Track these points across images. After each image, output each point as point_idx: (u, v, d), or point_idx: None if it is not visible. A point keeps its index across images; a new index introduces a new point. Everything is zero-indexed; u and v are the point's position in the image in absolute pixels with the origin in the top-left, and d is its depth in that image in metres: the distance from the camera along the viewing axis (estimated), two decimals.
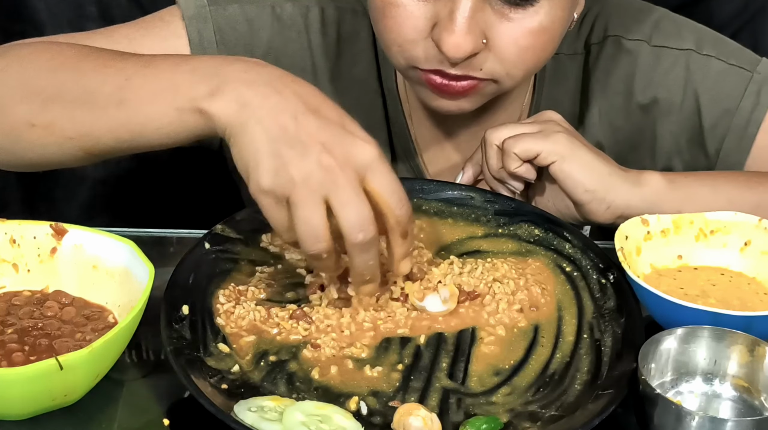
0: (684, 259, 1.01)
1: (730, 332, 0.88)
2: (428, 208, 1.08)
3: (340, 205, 0.84)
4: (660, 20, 1.20)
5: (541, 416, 0.84)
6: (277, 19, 1.16)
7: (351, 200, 0.84)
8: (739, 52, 1.19)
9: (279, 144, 0.84)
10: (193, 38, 1.13)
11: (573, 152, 1.04)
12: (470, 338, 0.92)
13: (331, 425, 0.80)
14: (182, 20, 1.13)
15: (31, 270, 0.93)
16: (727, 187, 1.08)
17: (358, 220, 0.84)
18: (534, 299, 0.96)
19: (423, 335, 0.91)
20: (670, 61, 1.18)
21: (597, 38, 1.20)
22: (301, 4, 1.17)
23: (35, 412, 0.83)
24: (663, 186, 1.05)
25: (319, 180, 0.83)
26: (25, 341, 0.85)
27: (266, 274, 0.97)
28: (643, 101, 1.19)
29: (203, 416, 0.80)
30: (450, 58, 1.00)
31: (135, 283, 0.88)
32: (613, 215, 1.05)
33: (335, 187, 0.84)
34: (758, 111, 1.16)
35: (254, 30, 1.15)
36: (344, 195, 0.84)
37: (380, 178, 0.86)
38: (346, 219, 0.84)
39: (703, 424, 0.81)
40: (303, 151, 0.84)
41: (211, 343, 0.88)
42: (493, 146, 1.07)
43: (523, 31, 1.01)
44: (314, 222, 0.84)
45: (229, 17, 1.14)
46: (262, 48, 1.15)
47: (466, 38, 0.98)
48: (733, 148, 1.17)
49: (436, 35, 1.00)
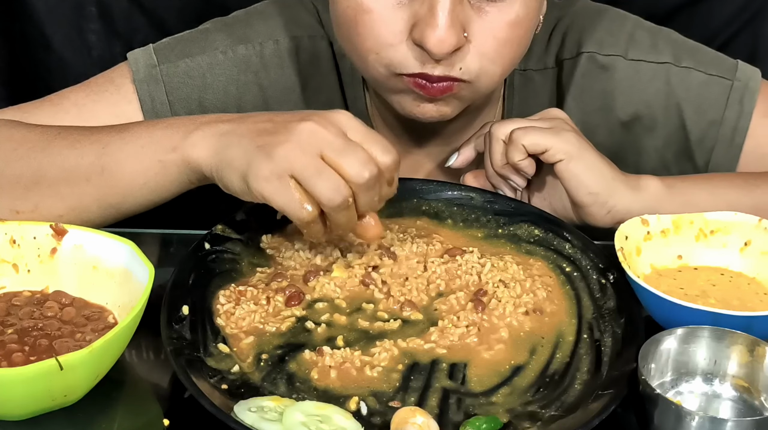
0: (684, 259, 1.01)
1: (730, 332, 0.88)
2: (428, 208, 1.08)
3: (337, 155, 0.87)
4: (634, 32, 1.18)
5: (541, 416, 0.84)
6: (233, 64, 1.15)
7: (346, 147, 0.87)
8: (717, 61, 1.19)
9: (263, 137, 0.88)
10: (144, 102, 1.13)
11: (581, 153, 1.03)
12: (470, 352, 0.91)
13: (331, 425, 0.80)
14: (132, 83, 1.13)
15: (31, 270, 0.93)
16: (725, 190, 1.08)
17: (362, 160, 0.87)
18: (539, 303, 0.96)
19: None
20: (648, 75, 1.17)
21: (569, 53, 1.18)
22: (255, 43, 1.15)
23: (35, 412, 0.83)
24: (662, 192, 1.05)
25: (309, 142, 0.87)
26: (25, 341, 0.85)
27: (266, 274, 0.97)
28: (623, 118, 1.18)
29: (203, 416, 0.80)
30: (435, 54, 0.99)
31: (135, 283, 0.88)
32: (613, 220, 1.04)
33: (326, 142, 0.87)
34: (743, 119, 1.16)
35: (208, 82, 1.14)
36: (338, 145, 0.87)
37: (361, 132, 0.90)
38: (349, 164, 0.87)
39: (703, 424, 0.81)
40: (285, 129, 0.88)
41: (211, 343, 0.88)
42: (499, 141, 1.06)
43: (500, 24, 1.01)
44: (326, 174, 0.86)
45: (182, 74, 1.14)
46: (219, 97, 1.14)
47: (449, 32, 0.98)
48: (721, 158, 1.17)
49: (418, 34, 0.99)
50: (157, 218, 1.05)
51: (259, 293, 0.94)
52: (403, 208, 1.07)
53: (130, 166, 0.96)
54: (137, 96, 1.12)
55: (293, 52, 1.16)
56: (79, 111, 1.11)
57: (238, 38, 1.16)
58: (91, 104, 1.12)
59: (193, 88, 1.14)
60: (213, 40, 1.15)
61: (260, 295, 0.94)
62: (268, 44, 1.16)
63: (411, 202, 1.08)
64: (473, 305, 0.94)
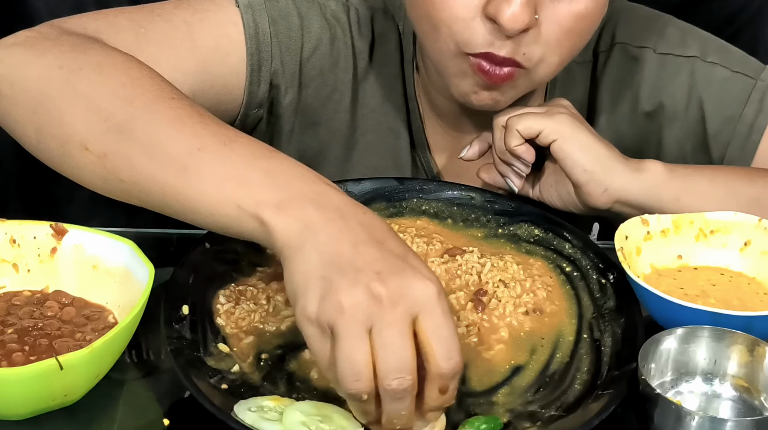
0: (684, 259, 1.01)
1: (730, 332, 0.88)
2: (428, 208, 1.08)
3: (380, 345, 0.75)
4: (665, 27, 1.20)
5: (541, 416, 0.84)
6: (324, 16, 1.15)
7: (393, 341, 0.75)
8: (744, 60, 1.20)
9: (331, 269, 0.77)
10: (249, 27, 1.10)
11: (573, 132, 1.05)
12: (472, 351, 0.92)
13: (331, 424, 0.80)
14: (235, 6, 1.11)
15: (31, 270, 0.93)
16: (726, 179, 1.08)
17: (396, 365, 0.75)
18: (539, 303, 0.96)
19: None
20: (674, 68, 1.18)
21: (605, 46, 1.20)
22: (343, 3, 1.17)
23: (35, 412, 0.83)
24: (663, 174, 1.05)
25: (366, 311, 0.75)
26: (25, 341, 0.85)
27: (266, 274, 0.97)
28: (648, 108, 1.20)
29: (203, 416, 0.80)
30: (507, 29, 0.98)
31: (135, 283, 0.88)
32: (611, 199, 1.05)
33: (380, 322, 0.75)
34: (761, 118, 1.16)
35: (305, 25, 1.14)
36: (388, 334, 0.75)
37: (433, 322, 0.77)
38: (384, 361, 0.75)
39: (703, 424, 0.81)
40: (355, 278, 0.76)
41: (211, 343, 0.88)
42: (499, 127, 1.09)
43: (569, 13, 1.01)
44: (356, 358, 0.75)
45: (282, 10, 1.13)
46: (312, 43, 1.14)
47: (523, 9, 0.98)
48: (736, 155, 1.17)
49: (493, 8, 0.99)
50: (157, 217, 1.05)
51: (259, 293, 0.94)
52: (403, 208, 1.08)
53: (207, 188, 0.85)
54: (242, 19, 1.10)
55: (368, 22, 1.17)
56: (189, 29, 1.08)
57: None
58: (198, 23, 1.08)
59: (291, 25, 1.13)
60: None
61: (260, 295, 0.94)
62: (353, 8, 1.17)
63: (411, 202, 1.08)
64: (473, 304, 0.94)
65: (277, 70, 1.13)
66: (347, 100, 1.17)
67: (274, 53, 1.12)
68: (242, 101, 1.12)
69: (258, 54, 1.11)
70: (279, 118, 1.16)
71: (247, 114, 1.13)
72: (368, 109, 1.19)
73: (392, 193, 1.08)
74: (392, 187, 1.08)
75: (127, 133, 0.88)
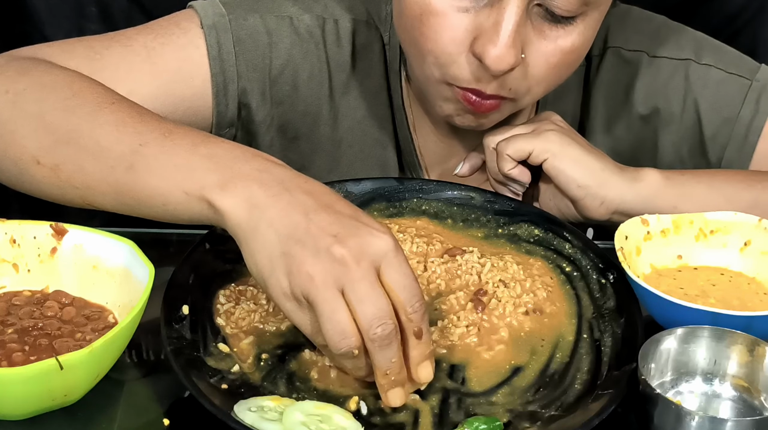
0: (684, 259, 1.01)
1: (730, 332, 0.88)
2: (428, 208, 1.08)
3: (356, 300, 0.79)
4: (658, 29, 1.20)
5: (541, 416, 0.84)
6: (296, 32, 1.14)
7: (368, 293, 0.79)
8: (739, 60, 1.19)
9: (290, 243, 0.80)
10: (212, 49, 1.10)
11: (563, 149, 1.05)
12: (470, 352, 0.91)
13: (331, 425, 0.80)
14: (200, 28, 1.10)
15: (31, 270, 0.93)
16: (724, 184, 1.08)
17: (376, 313, 0.79)
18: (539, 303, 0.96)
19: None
20: (669, 71, 1.18)
21: (597, 50, 1.20)
22: (318, 16, 1.15)
23: (35, 412, 0.83)
24: (659, 182, 1.05)
25: (334, 274, 0.79)
26: (25, 341, 0.85)
27: None
28: (643, 112, 1.19)
29: (203, 416, 0.80)
30: (492, 70, 0.98)
31: (135, 283, 0.88)
32: (608, 211, 1.05)
33: (350, 281, 0.79)
34: (758, 119, 1.16)
35: (274, 42, 1.13)
36: (360, 289, 0.79)
37: (394, 272, 0.81)
38: (363, 313, 0.79)
39: (703, 424, 0.81)
40: (315, 246, 0.80)
41: (211, 343, 0.89)
42: (490, 149, 1.09)
43: (556, 49, 1.01)
44: (338, 317, 0.79)
45: (249, 28, 1.12)
46: (281, 60, 1.13)
47: (509, 51, 0.98)
48: (734, 156, 1.17)
49: (479, 48, 0.98)
50: None
51: (258, 293, 0.94)
52: (403, 208, 1.08)
53: (155, 180, 0.88)
54: (205, 41, 1.10)
55: (350, 33, 1.16)
56: (149, 54, 1.08)
57: (304, 8, 1.15)
58: (160, 47, 1.09)
59: (258, 43, 1.12)
60: (281, 4, 1.15)
61: (260, 294, 0.94)
62: (330, 21, 1.16)
63: (411, 202, 1.08)
64: (473, 304, 0.94)
65: (245, 88, 1.12)
66: (326, 114, 1.17)
67: (240, 72, 1.11)
68: (212, 122, 1.12)
69: (222, 75, 1.10)
70: (255, 136, 1.16)
71: (219, 134, 1.12)
72: (354, 120, 1.18)
73: (392, 193, 1.08)
74: (392, 187, 1.08)
75: (75, 142, 0.92)
